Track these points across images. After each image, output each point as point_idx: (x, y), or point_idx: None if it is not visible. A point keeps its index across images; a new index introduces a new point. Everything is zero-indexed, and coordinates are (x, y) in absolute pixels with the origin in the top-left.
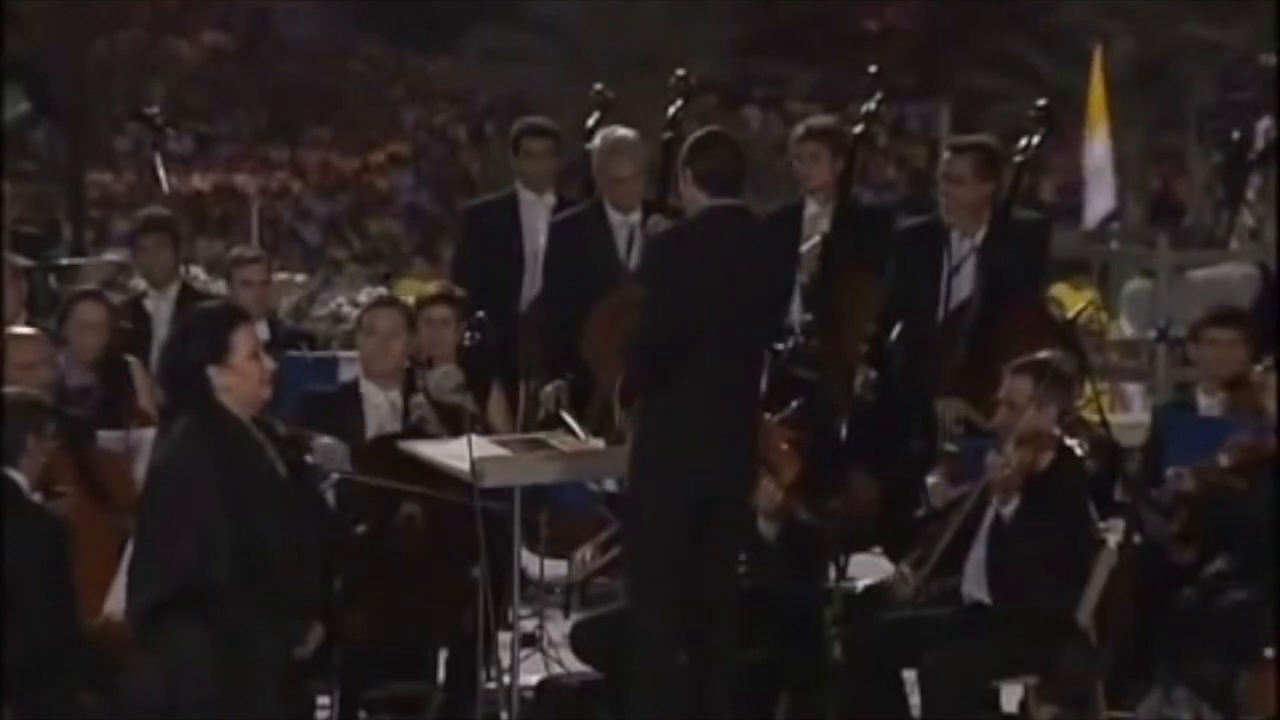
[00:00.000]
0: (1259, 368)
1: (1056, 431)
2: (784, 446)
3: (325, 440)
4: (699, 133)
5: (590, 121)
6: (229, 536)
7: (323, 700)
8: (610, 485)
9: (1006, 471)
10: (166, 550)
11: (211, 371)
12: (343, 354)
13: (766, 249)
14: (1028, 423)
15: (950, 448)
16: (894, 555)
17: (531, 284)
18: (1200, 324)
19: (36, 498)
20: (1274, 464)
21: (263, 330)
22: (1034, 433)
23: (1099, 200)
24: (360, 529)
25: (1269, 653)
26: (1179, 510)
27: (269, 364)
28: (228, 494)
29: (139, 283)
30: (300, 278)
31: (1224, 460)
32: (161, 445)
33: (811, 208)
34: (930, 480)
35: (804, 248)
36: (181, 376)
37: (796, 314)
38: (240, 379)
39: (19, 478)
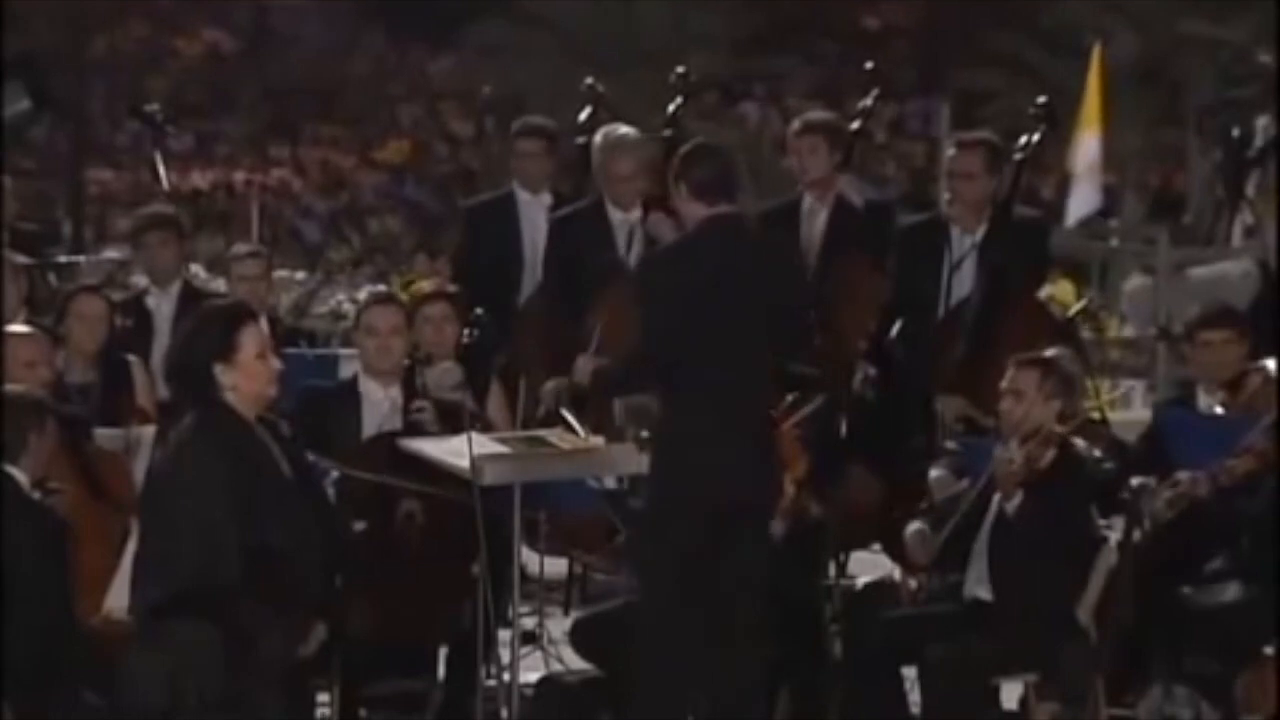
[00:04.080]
0: (1257, 369)
1: (1058, 428)
2: (794, 442)
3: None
4: (686, 146)
5: (582, 116)
6: (234, 536)
7: (323, 698)
8: (610, 483)
9: (1014, 467)
10: (172, 549)
11: (218, 369)
12: (343, 351)
13: (767, 253)
14: (1032, 417)
15: (950, 445)
16: (894, 553)
17: (531, 282)
18: (1193, 326)
19: (35, 495)
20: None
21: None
22: (1037, 428)
23: (1085, 198)
24: (360, 526)
25: (1269, 651)
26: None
27: (276, 363)
28: (233, 493)
29: (139, 280)
30: (300, 275)
31: (1238, 467)
32: (165, 443)
33: (808, 203)
34: (934, 473)
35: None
36: (188, 374)
37: None
38: (247, 378)
39: (19, 475)
